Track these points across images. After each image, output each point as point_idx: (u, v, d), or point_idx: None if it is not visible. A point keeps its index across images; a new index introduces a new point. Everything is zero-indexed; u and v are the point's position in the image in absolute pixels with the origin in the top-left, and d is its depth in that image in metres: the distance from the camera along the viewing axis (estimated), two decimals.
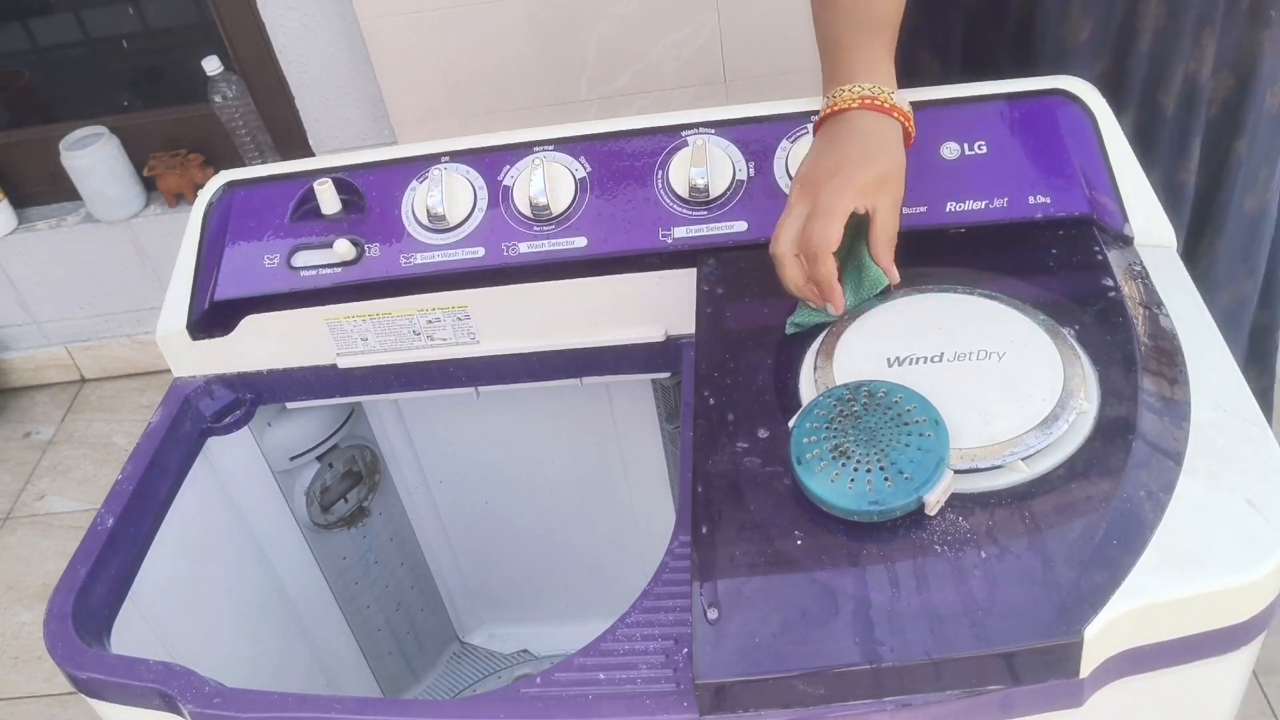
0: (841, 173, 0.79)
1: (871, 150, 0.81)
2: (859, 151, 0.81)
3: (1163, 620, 0.63)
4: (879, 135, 0.82)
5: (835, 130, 0.83)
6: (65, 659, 0.78)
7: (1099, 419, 0.71)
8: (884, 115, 0.83)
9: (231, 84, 2.01)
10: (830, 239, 0.77)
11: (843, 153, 0.81)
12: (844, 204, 0.78)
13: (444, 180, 0.97)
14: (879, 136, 0.82)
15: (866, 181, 0.79)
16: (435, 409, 1.21)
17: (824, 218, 0.78)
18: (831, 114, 0.84)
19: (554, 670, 0.70)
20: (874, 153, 0.81)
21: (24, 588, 1.97)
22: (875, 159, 0.80)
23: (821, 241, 0.77)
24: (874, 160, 0.80)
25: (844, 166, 0.79)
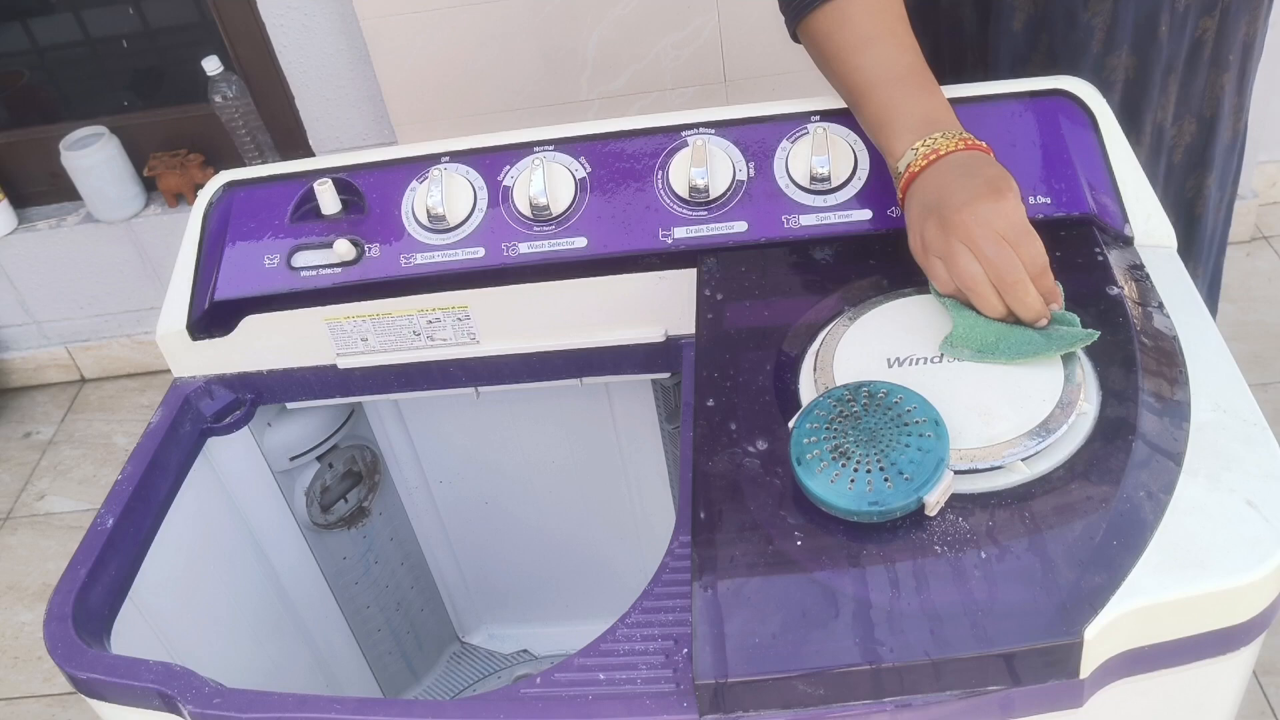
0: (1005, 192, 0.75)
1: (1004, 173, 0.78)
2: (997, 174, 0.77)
3: (1163, 621, 0.63)
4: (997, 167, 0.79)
5: (955, 168, 0.79)
6: (65, 659, 0.78)
7: (1099, 419, 0.71)
8: (985, 154, 0.81)
9: (231, 84, 2.01)
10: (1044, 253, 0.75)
11: (984, 178, 0.77)
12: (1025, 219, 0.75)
13: (444, 180, 0.97)
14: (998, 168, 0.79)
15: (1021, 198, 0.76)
16: (435, 409, 1.21)
17: (1027, 234, 0.74)
18: (933, 161, 0.80)
19: (554, 670, 0.70)
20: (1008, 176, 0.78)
21: (24, 588, 1.97)
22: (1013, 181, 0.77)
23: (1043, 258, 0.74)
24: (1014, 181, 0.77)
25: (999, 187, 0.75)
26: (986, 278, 0.75)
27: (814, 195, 0.93)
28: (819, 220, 0.91)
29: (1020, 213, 0.75)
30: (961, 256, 0.75)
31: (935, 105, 0.84)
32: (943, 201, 0.77)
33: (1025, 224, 0.75)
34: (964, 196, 0.76)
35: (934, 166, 0.80)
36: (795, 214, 0.92)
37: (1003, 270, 0.74)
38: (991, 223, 0.74)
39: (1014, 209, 0.75)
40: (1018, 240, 0.74)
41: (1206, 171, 1.05)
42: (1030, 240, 0.74)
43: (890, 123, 0.84)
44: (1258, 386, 1.58)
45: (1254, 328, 1.84)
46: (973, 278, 0.75)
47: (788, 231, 0.91)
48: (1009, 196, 0.75)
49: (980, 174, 0.77)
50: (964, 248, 0.75)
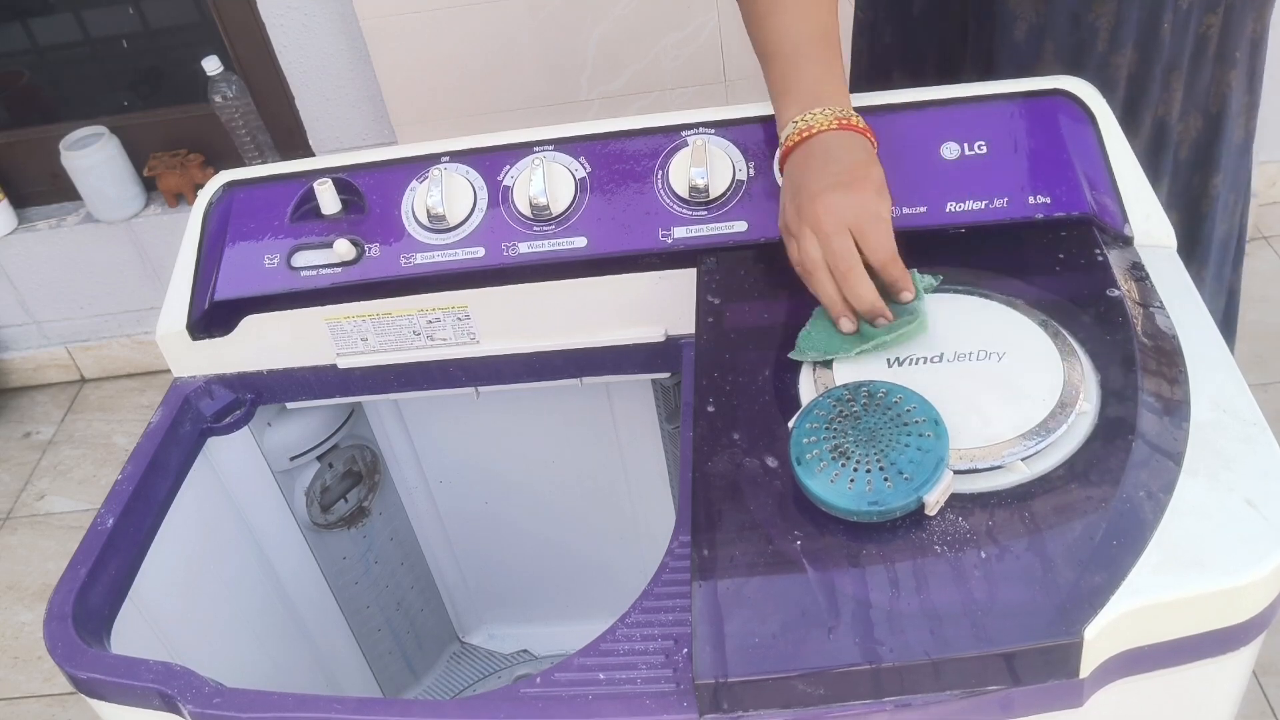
0: (861, 182, 0.78)
1: (866, 161, 0.81)
2: (858, 162, 0.80)
3: (1163, 621, 0.63)
4: (863, 150, 0.82)
5: (818, 152, 0.82)
6: (65, 659, 0.78)
7: (1099, 419, 0.71)
8: (857, 134, 0.83)
9: (231, 84, 2.01)
10: (892, 239, 0.77)
11: (843, 166, 0.80)
12: (882, 208, 0.78)
13: (444, 180, 0.97)
14: (863, 151, 0.82)
15: (881, 184, 0.79)
16: (435, 409, 1.21)
17: (877, 223, 0.77)
18: (806, 138, 0.83)
19: (554, 670, 0.70)
20: (868, 162, 0.81)
21: (24, 588, 1.97)
22: (873, 166, 0.80)
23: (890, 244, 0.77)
24: (873, 167, 0.80)
25: (857, 176, 0.78)
26: (825, 264, 0.77)
27: None
28: None
29: (872, 203, 0.77)
30: (806, 241, 0.78)
31: (825, 78, 0.85)
32: (801, 185, 0.80)
33: (875, 213, 0.77)
34: (819, 183, 0.79)
35: (805, 145, 0.82)
36: None
37: (836, 258, 0.77)
38: (838, 211, 0.77)
39: (865, 199, 0.77)
40: (862, 230, 0.76)
41: (1213, 170, 1.05)
42: (875, 230, 0.76)
43: (782, 93, 0.87)
44: (1258, 386, 1.58)
45: (1254, 328, 1.84)
46: (812, 262, 0.78)
47: None
48: (862, 186, 0.78)
49: (842, 160, 0.80)
50: (810, 233, 0.78)
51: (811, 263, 0.78)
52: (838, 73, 0.86)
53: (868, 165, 0.80)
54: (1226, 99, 1.01)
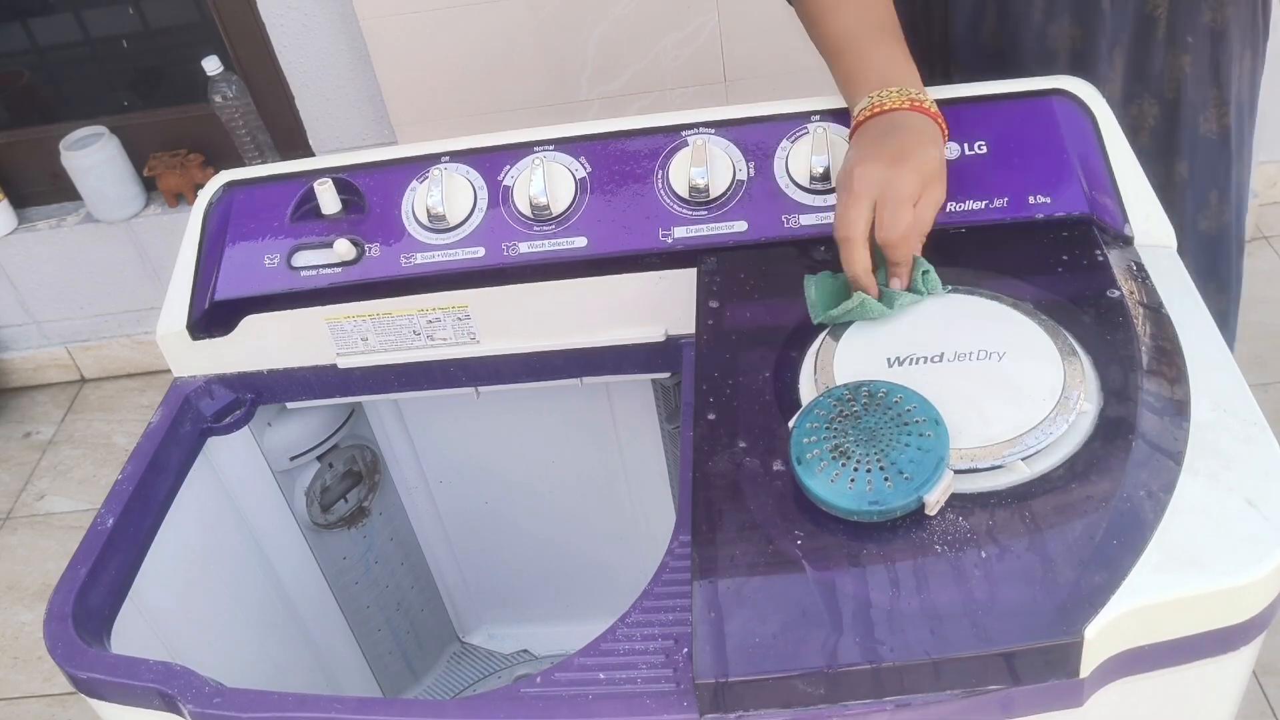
0: (904, 160, 0.80)
1: (925, 143, 0.83)
2: (914, 143, 0.82)
3: (1163, 620, 0.63)
4: (928, 133, 0.84)
5: (884, 127, 0.84)
6: (65, 659, 0.78)
7: (1099, 419, 0.71)
8: (928, 117, 0.85)
9: (231, 84, 2.01)
10: (907, 223, 0.79)
11: (898, 143, 0.82)
12: (912, 191, 0.80)
13: (444, 180, 0.97)
14: (928, 134, 0.84)
15: (929, 170, 0.81)
16: (435, 409, 1.21)
17: (896, 204, 0.79)
18: (877, 114, 0.85)
19: (554, 670, 0.70)
20: (927, 144, 0.82)
21: (24, 588, 1.97)
22: (930, 150, 0.82)
23: (901, 226, 0.79)
24: (930, 151, 0.82)
25: (905, 155, 0.81)
26: None
27: (814, 195, 0.93)
28: (819, 220, 0.91)
29: (901, 180, 0.79)
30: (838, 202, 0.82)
31: (893, 63, 0.88)
32: (855, 152, 0.83)
33: (898, 192, 0.79)
34: (867, 153, 0.82)
35: (873, 120, 0.85)
36: (795, 214, 0.92)
37: (840, 223, 0.80)
38: (866, 181, 0.80)
39: (895, 175, 0.79)
40: (882, 204, 0.79)
41: (1176, 158, 1.04)
42: (890, 208, 0.79)
43: (852, 80, 0.89)
44: (1258, 386, 1.58)
45: (1254, 328, 1.84)
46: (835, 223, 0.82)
47: (788, 231, 0.91)
48: (900, 163, 0.80)
49: (899, 137, 0.82)
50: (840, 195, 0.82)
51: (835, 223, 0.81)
52: (905, 57, 0.89)
53: (919, 146, 0.82)
54: (1181, 85, 1.01)
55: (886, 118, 0.85)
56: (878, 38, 0.90)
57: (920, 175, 0.80)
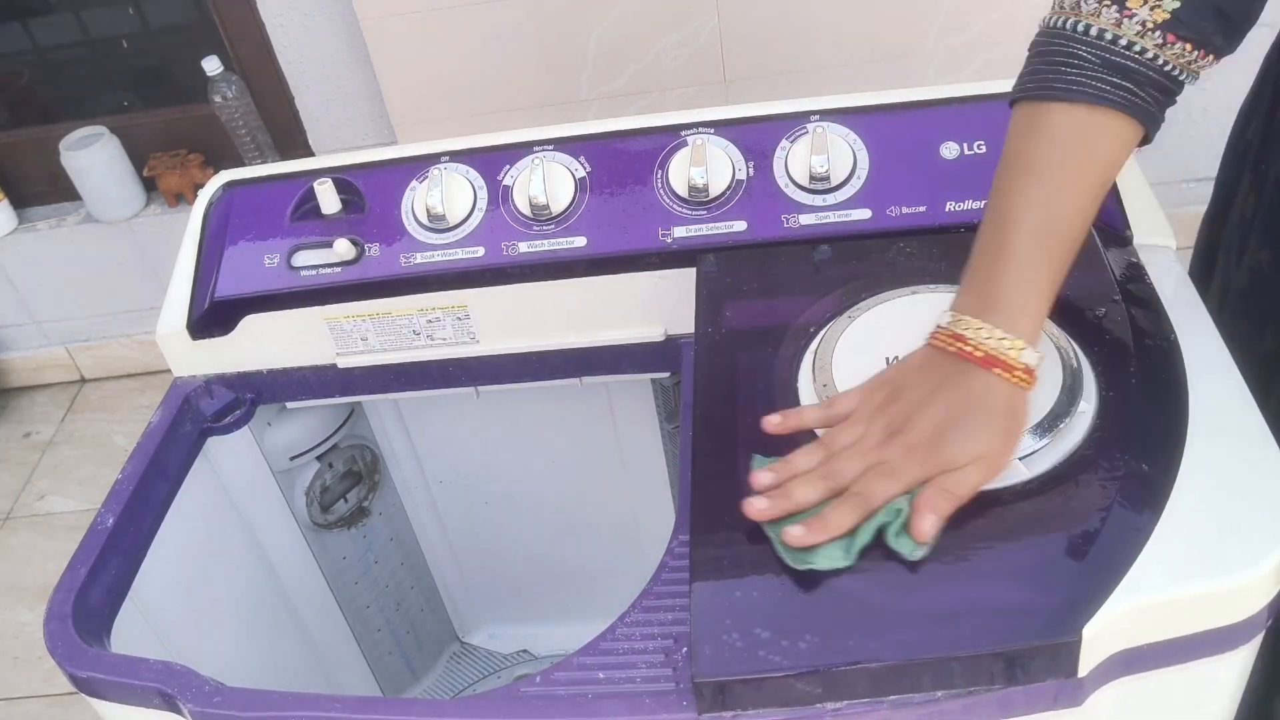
0: (939, 444, 0.67)
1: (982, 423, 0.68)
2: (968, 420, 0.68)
3: (1162, 619, 0.63)
4: (996, 404, 0.68)
5: (947, 375, 0.69)
6: (65, 659, 0.78)
7: (1098, 419, 0.71)
8: (1006, 381, 0.68)
9: (231, 84, 2.01)
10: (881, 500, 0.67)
11: (949, 412, 0.68)
12: (919, 478, 0.67)
13: (444, 180, 0.97)
14: (995, 407, 0.68)
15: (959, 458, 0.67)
16: (435, 409, 1.21)
17: (891, 481, 0.67)
18: (949, 351, 0.70)
19: (554, 670, 0.70)
20: (984, 427, 0.68)
21: (24, 588, 1.97)
22: (984, 433, 0.67)
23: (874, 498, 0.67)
24: (982, 434, 0.67)
25: (944, 436, 0.67)
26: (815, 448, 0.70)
27: (813, 194, 0.93)
28: (818, 219, 0.91)
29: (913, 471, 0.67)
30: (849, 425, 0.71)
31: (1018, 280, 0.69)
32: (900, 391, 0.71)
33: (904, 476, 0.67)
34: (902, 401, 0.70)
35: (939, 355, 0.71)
36: (795, 213, 0.92)
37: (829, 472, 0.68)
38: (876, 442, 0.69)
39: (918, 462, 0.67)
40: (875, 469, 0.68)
41: None
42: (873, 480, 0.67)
43: (966, 271, 0.72)
44: None
45: None
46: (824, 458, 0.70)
47: (787, 231, 0.92)
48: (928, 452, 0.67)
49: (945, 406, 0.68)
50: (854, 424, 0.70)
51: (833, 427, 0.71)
52: (1038, 280, 0.69)
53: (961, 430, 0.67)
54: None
55: (951, 364, 0.69)
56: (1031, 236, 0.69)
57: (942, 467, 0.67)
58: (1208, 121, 1.94)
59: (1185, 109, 1.92)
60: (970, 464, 0.67)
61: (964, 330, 0.69)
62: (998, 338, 0.68)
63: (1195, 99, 1.90)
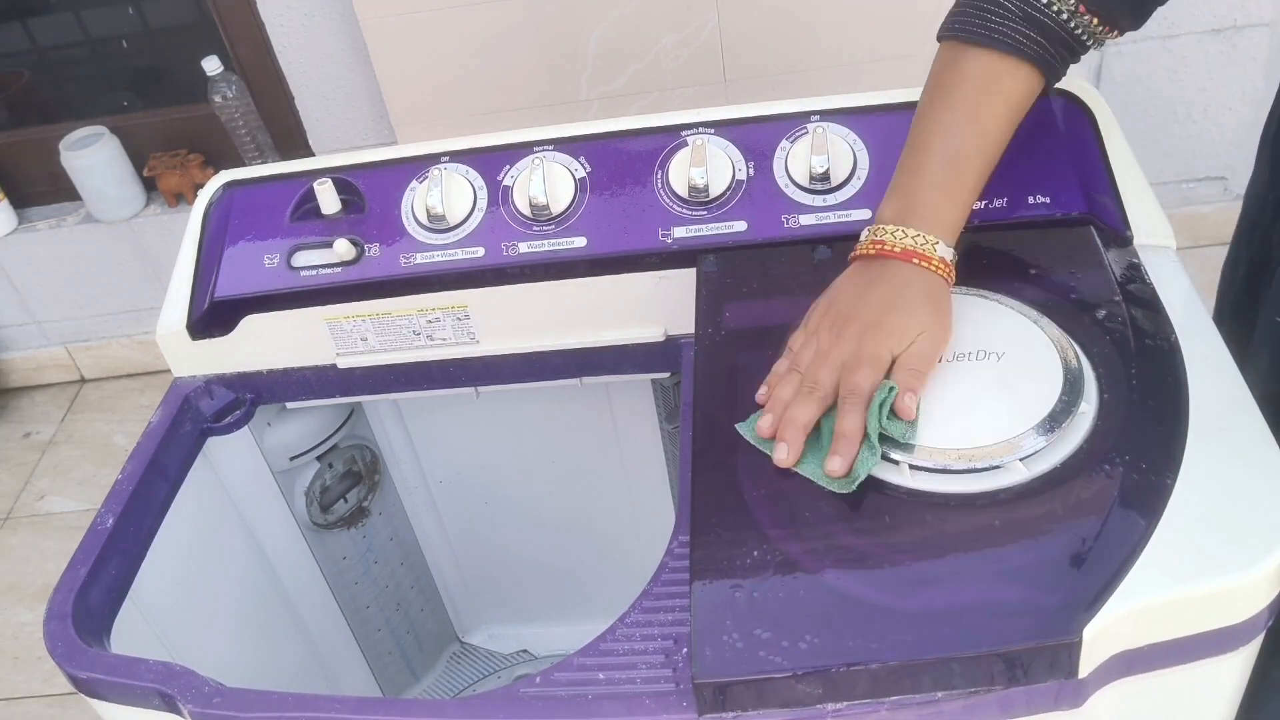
0: (884, 322, 0.74)
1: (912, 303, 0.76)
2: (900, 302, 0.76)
3: (1161, 620, 0.63)
4: (920, 288, 0.76)
5: (875, 274, 0.77)
6: (65, 659, 0.78)
7: (1098, 419, 0.71)
8: (925, 270, 0.76)
9: (231, 84, 2.01)
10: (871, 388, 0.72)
11: (882, 298, 0.76)
12: (884, 353, 0.74)
13: (444, 180, 0.97)
14: (920, 289, 0.76)
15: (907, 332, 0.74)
16: (435, 409, 1.21)
17: (868, 366, 0.73)
18: (872, 254, 0.78)
19: (554, 670, 0.70)
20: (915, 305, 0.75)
21: (24, 588, 1.97)
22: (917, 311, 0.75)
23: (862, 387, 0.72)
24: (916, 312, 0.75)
25: (885, 316, 0.75)
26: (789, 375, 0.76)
27: (813, 195, 0.93)
28: (818, 220, 0.91)
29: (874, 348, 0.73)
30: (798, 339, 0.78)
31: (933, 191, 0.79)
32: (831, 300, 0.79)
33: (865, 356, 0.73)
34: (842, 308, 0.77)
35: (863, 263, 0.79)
36: (795, 213, 0.92)
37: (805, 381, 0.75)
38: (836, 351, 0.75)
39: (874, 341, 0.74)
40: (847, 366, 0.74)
41: None
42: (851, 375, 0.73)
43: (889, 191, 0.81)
44: None
45: None
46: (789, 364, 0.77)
47: (787, 231, 0.92)
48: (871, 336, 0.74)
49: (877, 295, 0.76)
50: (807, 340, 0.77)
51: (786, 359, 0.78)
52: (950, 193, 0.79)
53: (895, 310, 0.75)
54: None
55: (880, 264, 0.78)
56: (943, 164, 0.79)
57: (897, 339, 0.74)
58: (1207, 121, 1.94)
59: (1186, 109, 1.92)
60: (916, 339, 0.74)
61: (883, 236, 0.78)
62: (913, 236, 0.77)
63: (1195, 99, 1.90)
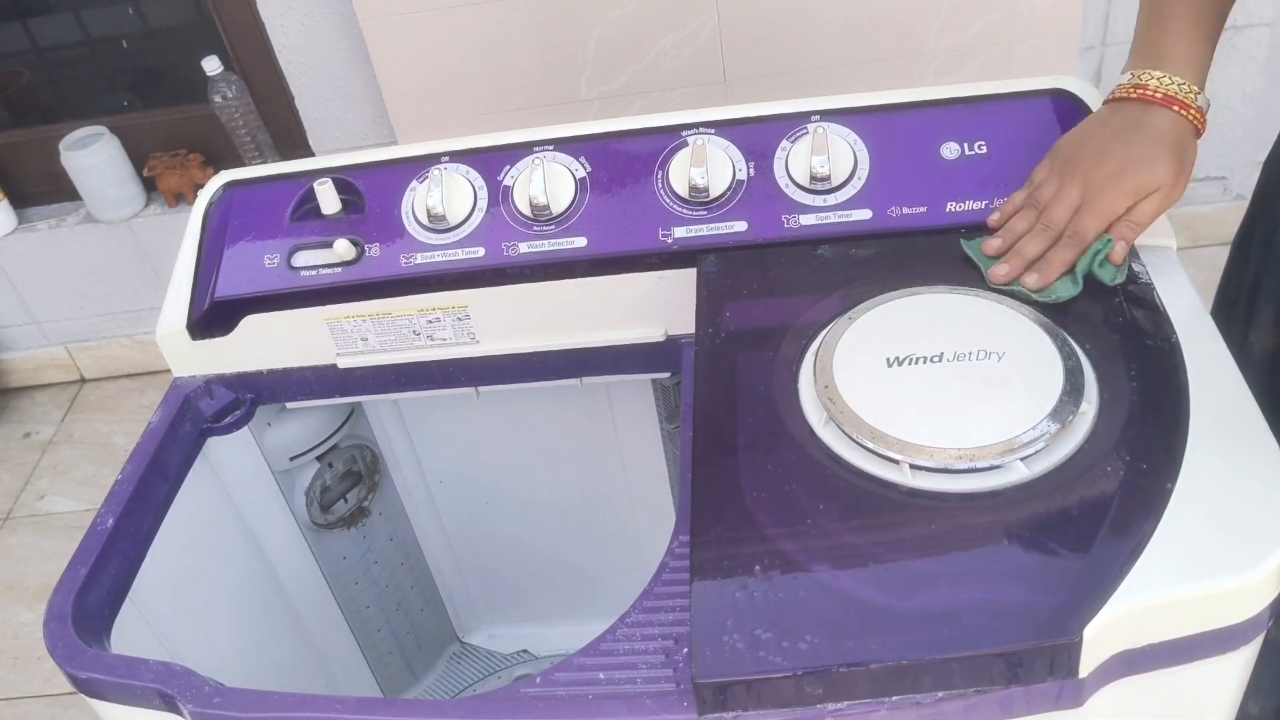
0: (1126, 174, 0.79)
1: (1157, 157, 0.80)
2: (1144, 158, 0.80)
3: (1162, 620, 0.63)
4: (1176, 142, 0.80)
5: (1131, 119, 0.82)
6: (65, 659, 0.78)
7: (1098, 419, 0.71)
8: (1182, 117, 0.81)
9: (231, 84, 2.01)
10: (1093, 234, 0.80)
11: (1132, 148, 0.80)
12: (1118, 208, 0.80)
13: (444, 180, 0.97)
14: (1175, 143, 0.80)
15: (1147, 187, 0.79)
16: (435, 409, 1.21)
17: (1098, 217, 0.80)
18: (1132, 99, 0.82)
19: (554, 670, 0.70)
20: (1164, 159, 0.80)
21: (24, 588, 1.97)
22: (1161, 165, 0.80)
23: (1087, 234, 0.80)
24: (1157, 168, 0.80)
25: (1129, 167, 0.80)
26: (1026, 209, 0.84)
27: (814, 195, 0.93)
28: (819, 220, 0.91)
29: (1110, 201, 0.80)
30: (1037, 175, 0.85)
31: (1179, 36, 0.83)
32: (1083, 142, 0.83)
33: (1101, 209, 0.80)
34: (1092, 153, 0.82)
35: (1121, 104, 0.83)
36: (795, 214, 0.92)
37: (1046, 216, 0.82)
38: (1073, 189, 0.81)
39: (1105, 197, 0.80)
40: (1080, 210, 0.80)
41: None
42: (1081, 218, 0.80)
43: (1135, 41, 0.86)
44: None
45: None
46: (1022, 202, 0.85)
47: (788, 231, 0.92)
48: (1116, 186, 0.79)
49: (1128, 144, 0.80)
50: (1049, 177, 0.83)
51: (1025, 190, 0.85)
52: (1199, 42, 0.83)
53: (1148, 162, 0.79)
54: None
55: (1137, 109, 0.82)
56: (1188, 13, 0.83)
57: (1133, 192, 0.79)
58: (1208, 121, 1.94)
59: None
60: (1148, 196, 0.79)
61: (1145, 80, 0.81)
62: (1177, 83, 0.81)
63: None
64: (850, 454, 0.72)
